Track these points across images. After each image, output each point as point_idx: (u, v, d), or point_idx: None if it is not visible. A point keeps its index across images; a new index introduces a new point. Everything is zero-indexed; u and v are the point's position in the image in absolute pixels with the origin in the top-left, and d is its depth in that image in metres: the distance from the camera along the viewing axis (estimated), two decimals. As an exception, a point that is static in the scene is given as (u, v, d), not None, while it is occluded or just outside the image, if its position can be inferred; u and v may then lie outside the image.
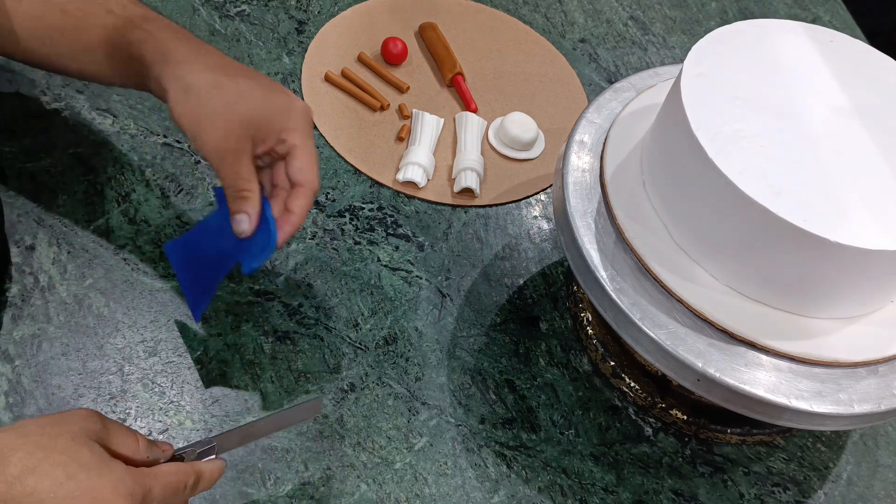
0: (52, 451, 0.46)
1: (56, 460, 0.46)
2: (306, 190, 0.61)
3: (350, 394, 0.69)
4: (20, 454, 0.46)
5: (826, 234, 0.54)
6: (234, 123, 0.58)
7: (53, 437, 0.47)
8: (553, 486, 0.68)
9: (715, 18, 1.12)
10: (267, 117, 0.59)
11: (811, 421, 0.59)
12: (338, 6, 0.98)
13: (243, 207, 0.59)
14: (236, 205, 0.60)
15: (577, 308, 0.77)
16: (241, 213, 0.59)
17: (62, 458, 0.46)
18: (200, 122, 0.58)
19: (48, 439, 0.47)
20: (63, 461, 0.46)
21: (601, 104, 0.73)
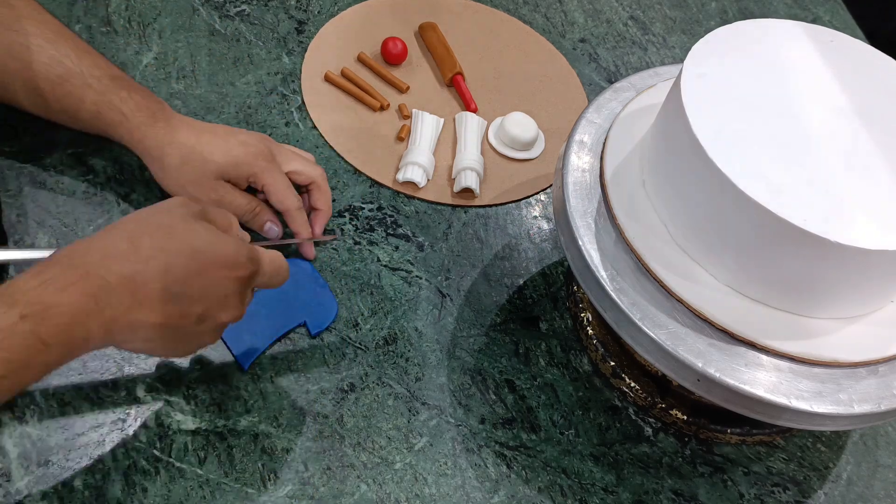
0: (175, 234, 0.54)
1: (182, 239, 0.54)
2: (292, 211, 0.72)
3: (350, 394, 0.69)
4: (147, 238, 0.54)
5: (826, 234, 0.54)
6: (210, 182, 0.69)
7: (170, 224, 0.55)
8: (553, 486, 0.68)
9: (715, 18, 1.12)
10: (230, 170, 0.70)
11: (811, 421, 0.59)
12: (338, 6, 0.98)
13: (263, 219, 0.72)
14: (256, 222, 0.71)
15: (577, 308, 0.77)
16: (265, 224, 0.72)
17: (186, 238, 0.55)
18: (185, 189, 0.70)
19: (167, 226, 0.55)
20: (187, 240, 0.55)
21: (601, 104, 0.73)
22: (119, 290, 0.52)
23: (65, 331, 0.50)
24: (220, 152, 0.69)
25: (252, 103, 0.86)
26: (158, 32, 0.89)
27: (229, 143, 0.70)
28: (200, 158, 0.69)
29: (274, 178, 0.71)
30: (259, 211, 0.71)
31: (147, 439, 0.63)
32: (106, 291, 0.51)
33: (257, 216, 0.71)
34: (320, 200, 0.75)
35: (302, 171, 0.74)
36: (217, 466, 0.63)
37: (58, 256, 0.52)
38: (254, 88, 0.87)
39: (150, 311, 0.53)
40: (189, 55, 0.88)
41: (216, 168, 0.69)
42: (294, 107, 0.87)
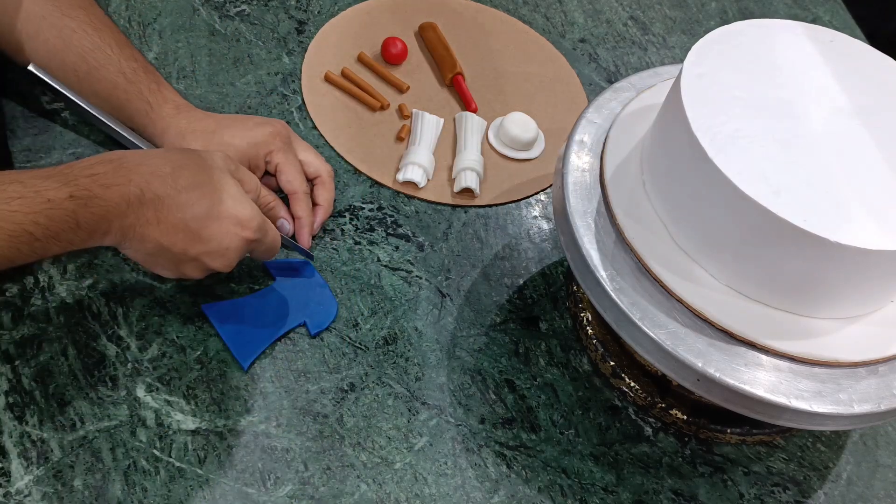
0: (210, 179, 0.62)
1: (214, 186, 0.62)
2: (299, 194, 0.75)
3: (350, 394, 0.69)
4: (187, 172, 0.62)
5: (826, 234, 0.54)
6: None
7: (209, 168, 0.63)
8: (553, 486, 0.68)
9: (715, 18, 1.12)
10: (250, 151, 0.73)
11: (811, 421, 0.59)
12: (338, 6, 0.98)
13: (278, 214, 0.73)
14: (271, 216, 0.72)
15: (577, 308, 0.77)
16: (279, 219, 0.73)
17: (217, 186, 0.62)
18: None
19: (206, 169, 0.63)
20: (218, 188, 0.62)
21: (601, 104, 0.73)
22: (148, 205, 0.59)
23: (96, 220, 0.57)
24: (240, 135, 0.73)
25: (252, 103, 0.86)
26: (158, 32, 0.89)
27: (247, 125, 0.74)
28: (220, 142, 0.72)
29: (287, 158, 0.74)
30: (275, 205, 0.72)
31: (147, 439, 0.63)
32: (139, 201, 0.59)
33: (272, 210, 0.72)
34: (322, 196, 0.77)
35: (312, 163, 0.77)
36: (217, 466, 0.63)
37: (111, 156, 0.60)
38: (254, 88, 0.87)
39: (162, 232, 0.60)
40: (189, 55, 0.88)
41: (236, 151, 0.72)
42: (294, 107, 0.87)
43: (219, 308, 0.71)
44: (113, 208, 0.58)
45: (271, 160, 0.74)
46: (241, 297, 0.72)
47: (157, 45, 0.88)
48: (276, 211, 0.73)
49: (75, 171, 0.58)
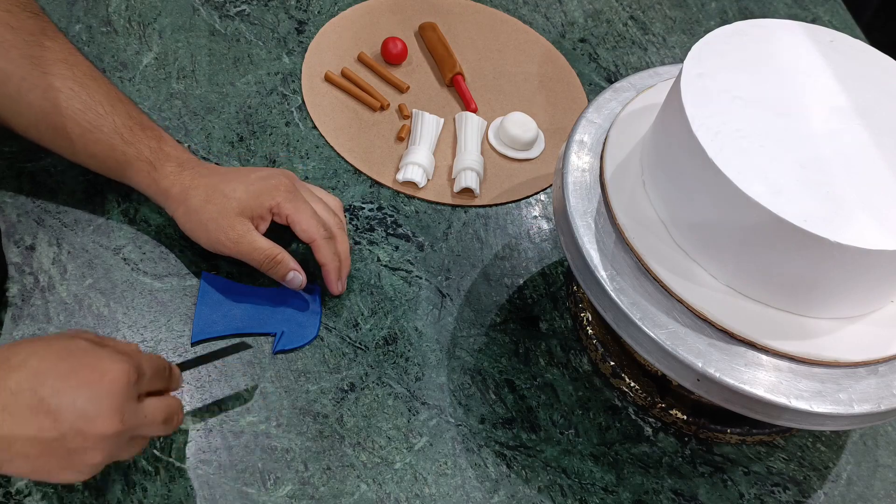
0: (50, 344, 0.53)
1: (54, 347, 0.52)
2: (318, 241, 0.70)
3: (350, 394, 0.69)
4: (22, 346, 0.52)
5: (826, 234, 0.54)
6: (230, 218, 0.68)
7: (50, 340, 0.54)
8: (553, 486, 0.68)
9: (715, 18, 1.12)
10: (252, 204, 0.68)
11: (811, 421, 0.59)
12: (338, 6, 0.98)
13: (286, 268, 0.69)
14: (279, 271, 0.69)
15: (577, 308, 0.77)
16: (289, 274, 0.70)
17: (58, 345, 0.53)
18: (207, 230, 0.68)
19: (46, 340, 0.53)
20: (60, 347, 0.52)
21: (601, 104, 0.73)
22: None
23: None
24: (241, 188, 0.68)
25: (252, 103, 0.86)
26: (158, 32, 0.89)
27: (249, 178, 0.70)
28: (222, 196, 0.68)
29: (297, 206, 0.69)
30: (281, 258, 0.69)
31: (147, 439, 0.63)
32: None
33: (279, 264, 0.69)
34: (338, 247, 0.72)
35: (321, 215, 0.71)
36: (217, 466, 0.63)
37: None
38: (254, 88, 0.87)
39: (21, 423, 0.49)
40: (189, 55, 0.88)
41: (237, 204, 0.68)
42: (294, 107, 0.87)
43: (214, 280, 0.71)
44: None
45: (280, 212, 0.69)
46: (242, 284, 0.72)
47: (157, 45, 0.88)
48: (284, 264, 0.69)
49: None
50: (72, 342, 0.53)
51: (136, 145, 0.69)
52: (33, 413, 0.49)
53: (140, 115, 0.71)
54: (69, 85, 0.67)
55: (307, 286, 0.72)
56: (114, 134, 0.68)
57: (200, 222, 0.68)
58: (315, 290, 0.73)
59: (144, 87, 0.83)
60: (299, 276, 0.70)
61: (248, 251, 0.68)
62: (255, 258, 0.68)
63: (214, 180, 0.69)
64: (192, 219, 0.68)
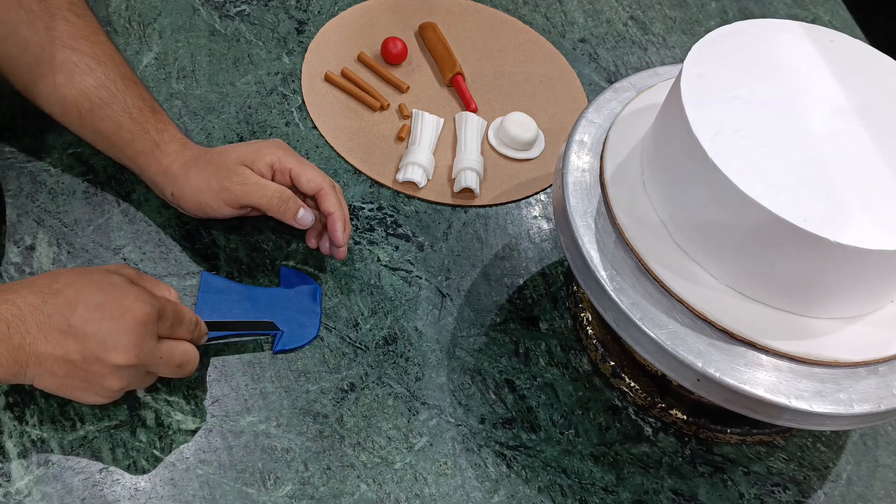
0: (90, 276, 0.58)
1: (91, 280, 0.58)
2: (326, 188, 0.70)
3: (350, 394, 0.69)
4: (65, 275, 0.58)
5: (826, 234, 0.54)
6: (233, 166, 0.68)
7: (91, 271, 0.59)
8: (553, 486, 0.68)
9: (715, 18, 1.12)
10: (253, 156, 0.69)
11: (811, 421, 0.59)
12: (338, 6, 0.98)
13: (297, 204, 0.69)
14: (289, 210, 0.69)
15: (577, 308, 0.77)
16: (298, 211, 0.69)
17: (96, 278, 0.58)
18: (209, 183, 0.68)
19: (88, 272, 0.59)
20: (97, 280, 0.58)
21: (601, 104, 0.73)
22: (28, 319, 0.55)
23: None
24: (243, 147, 0.70)
25: (252, 103, 0.86)
26: (158, 32, 0.89)
27: (250, 142, 0.72)
28: (220, 154, 0.69)
29: (298, 160, 0.70)
30: (289, 196, 0.69)
31: (147, 439, 0.63)
32: (18, 318, 0.55)
33: (288, 202, 0.69)
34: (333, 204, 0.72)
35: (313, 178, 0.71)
36: (217, 466, 0.63)
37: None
38: (254, 88, 0.87)
39: (52, 344, 0.56)
40: (189, 55, 0.88)
41: (237, 155, 0.69)
42: (294, 107, 0.87)
43: (213, 280, 0.71)
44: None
45: (282, 166, 0.69)
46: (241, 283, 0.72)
47: (157, 45, 0.88)
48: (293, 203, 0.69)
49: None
50: (109, 277, 0.58)
51: (144, 125, 0.70)
52: (63, 336, 0.56)
53: (152, 100, 0.72)
54: (86, 61, 0.69)
55: (307, 287, 0.72)
56: (123, 113, 0.69)
57: (202, 181, 0.68)
58: (315, 291, 0.73)
59: (144, 87, 0.83)
60: (309, 214, 0.70)
61: (256, 190, 0.68)
62: (265, 195, 0.68)
63: (212, 151, 0.70)
64: (192, 183, 0.69)
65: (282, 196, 0.68)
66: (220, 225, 0.76)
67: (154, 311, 0.57)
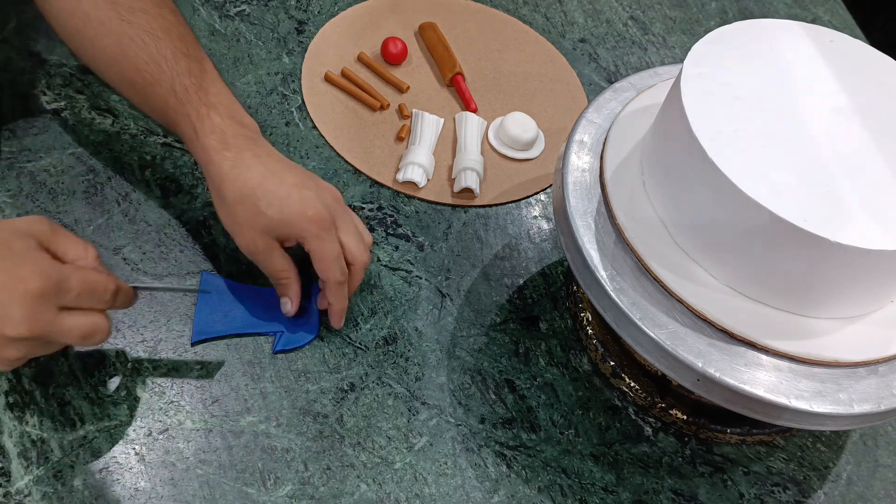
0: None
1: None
2: (331, 284, 0.68)
3: (350, 394, 0.69)
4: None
5: (826, 234, 0.54)
6: (256, 232, 0.66)
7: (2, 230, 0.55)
8: (553, 486, 0.68)
9: (715, 18, 1.12)
10: (281, 228, 0.66)
11: (811, 421, 0.59)
12: (338, 6, 0.98)
13: (285, 293, 0.69)
14: (279, 290, 0.70)
15: (577, 308, 0.77)
16: (284, 297, 0.70)
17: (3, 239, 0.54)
18: (233, 230, 0.68)
19: None
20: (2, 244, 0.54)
21: (601, 104, 0.73)
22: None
23: None
24: (276, 208, 0.65)
25: (252, 103, 0.86)
26: (158, 32, 0.89)
27: (291, 197, 0.66)
28: (254, 207, 0.65)
29: (322, 246, 0.66)
30: (286, 283, 0.68)
31: (147, 439, 0.63)
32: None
33: (280, 286, 0.69)
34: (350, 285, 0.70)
35: (351, 251, 0.68)
36: (217, 466, 0.63)
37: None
38: (254, 88, 0.87)
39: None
40: (189, 55, 0.88)
41: (267, 223, 0.65)
42: (294, 107, 0.87)
43: (213, 280, 0.72)
44: None
45: (305, 245, 0.67)
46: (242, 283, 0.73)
47: (157, 45, 0.88)
48: (284, 288, 0.69)
49: None
50: (12, 241, 0.55)
51: (186, 107, 0.67)
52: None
53: (203, 75, 0.69)
54: (142, 35, 0.68)
55: (306, 287, 0.72)
56: (169, 92, 0.68)
57: (228, 217, 0.68)
58: (314, 291, 0.73)
59: (144, 87, 0.83)
60: (289, 304, 0.69)
61: (262, 264, 0.69)
62: (265, 271, 0.69)
63: (253, 180, 0.66)
64: (222, 209, 0.68)
65: (279, 281, 0.69)
66: (220, 225, 0.75)
67: (51, 283, 0.53)
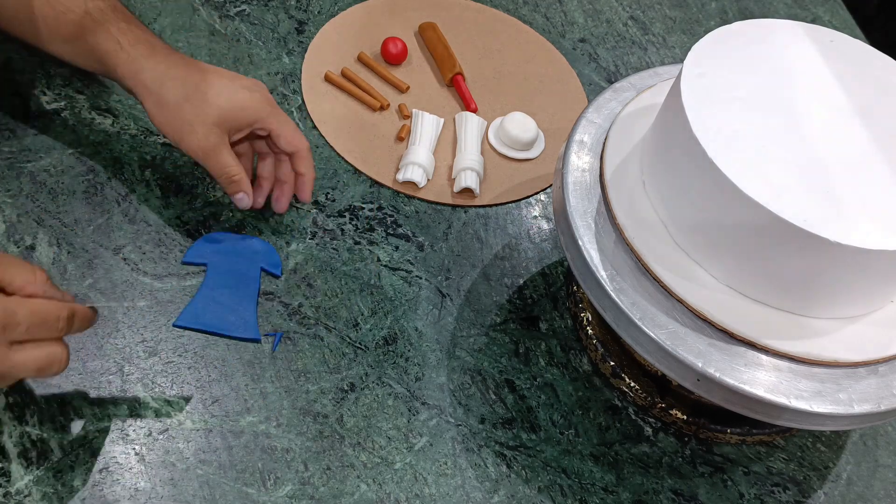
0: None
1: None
2: (303, 151, 0.72)
3: (350, 394, 0.69)
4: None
5: (826, 234, 0.54)
6: (207, 126, 0.67)
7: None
8: (553, 486, 0.68)
9: (715, 18, 1.12)
10: (234, 115, 0.69)
11: (811, 421, 0.59)
12: (338, 6, 0.98)
13: (239, 188, 0.71)
14: (231, 188, 0.71)
15: (577, 308, 0.77)
16: (239, 193, 0.71)
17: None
18: (179, 131, 0.68)
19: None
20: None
21: (601, 104, 0.73)
22: None
23: None
24: (225, 96, 0.68)
25: (252, 103, 0.86)
26: (159, 32, 0.89)
27: (234, 86, 0.69)
28: (203, 99, 0.67)
29: (280, 121, 0.71)
30: (238, 179, 0.70)
31: (147, 439, 0.63)
32: None
33: (233, 183, 0.70)
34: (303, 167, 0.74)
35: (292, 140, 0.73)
36: (217, 466, 0.63)
37: None
38: (254, 88, 0.87)
39: None
40: (189, 55, 0.88)
41: (218, 112, 0.67)
42: (294, 107, 0.87)
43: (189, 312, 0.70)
44: None
45: (263, 126, 0.71)
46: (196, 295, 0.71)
47: (157, 45, 0.88)
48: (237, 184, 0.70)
49: None
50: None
51: (105, 24, 0.67)
52: None
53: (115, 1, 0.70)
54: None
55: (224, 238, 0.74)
56: (84, 16, 0.67)
57: (174, 119, 0.67)
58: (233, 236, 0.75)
59: (144, 87, 0.83)
60: (246, 198, 0.71)
61: (213, 164, 0.69)
62: (215, 171, 0.69)
63: (194, 76, 0.68)
64: (165, 112, 0.67)
65: (230, 178, 0.70)
66: (219, 226, 0.76)
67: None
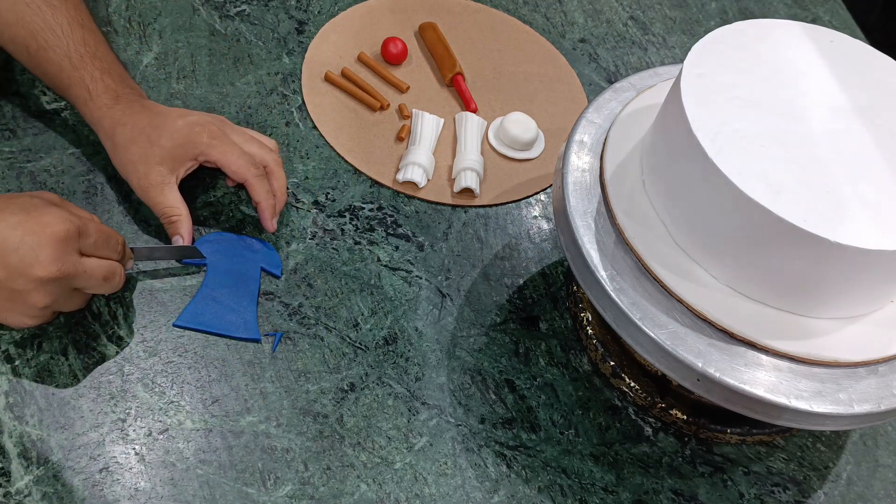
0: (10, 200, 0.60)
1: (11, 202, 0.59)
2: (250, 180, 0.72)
3: (350, 394, 0.69)
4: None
5: (826, 234, 0.54)
6: (149, 166, 0.70)
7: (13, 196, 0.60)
8: (553, 486, 0.68)
9: (715, 18, 1.12)
10: (176, 152, 0.71)
11: (811, 421, 0.59)
12: (338, 6, 0.98)
13: (175, 231, 0.71)
14: (169, 229, 0.71)
15: (577, 308, 0.77)
16: (176, 236, 0.71)
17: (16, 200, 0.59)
18: (126, 170, 0.71)
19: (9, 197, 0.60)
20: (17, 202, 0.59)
21: (601, 104, 0.73)
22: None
23: None
24: (167, 136, 0.71)
25: (252, 103, 0.86)
26: (159, 32, 0.89)
27: (177, 124, 0.71)
28: (147, 141, 0.70)
29: (223, 150, 0.71)
30: (175, 220, 0.71)
31: (147, 439, 0.63)
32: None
33: (171, 224, 0.71)
34: (273, 185, 0.74)
35: (255, 154, 0.73)
36: (217, 466, 0.63)
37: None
38: (254, 88, 0.87)
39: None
40: (189, 55, 0.88)
41: (160, 152, 0.70)
42: (294, 107, 0.87)
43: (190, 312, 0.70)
44: None
45: (207, 159, 0.72)
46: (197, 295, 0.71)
47: (157, 45, 0.88)
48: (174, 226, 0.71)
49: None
50: (30, 200, 0.60)
51: (80, 72, 0.72)
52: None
53: (98, 44, 0.74)
54: (37, 2, 0.72)
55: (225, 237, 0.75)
56: (64, 57, 0.71)
57: (123, 159, 0.71)
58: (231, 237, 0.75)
59: (145, 86, 0.83)
60: (181, 241, 0.71)
61: (153, 202, 0.71)
62: (155, 210, 0.71)
63: (143, 121, 0.71)
64: (117, 154, 0.72)
65: (168, 218, 0.71)
66: (219, 226, 0.76)
67: (74, 227, 0.59)
